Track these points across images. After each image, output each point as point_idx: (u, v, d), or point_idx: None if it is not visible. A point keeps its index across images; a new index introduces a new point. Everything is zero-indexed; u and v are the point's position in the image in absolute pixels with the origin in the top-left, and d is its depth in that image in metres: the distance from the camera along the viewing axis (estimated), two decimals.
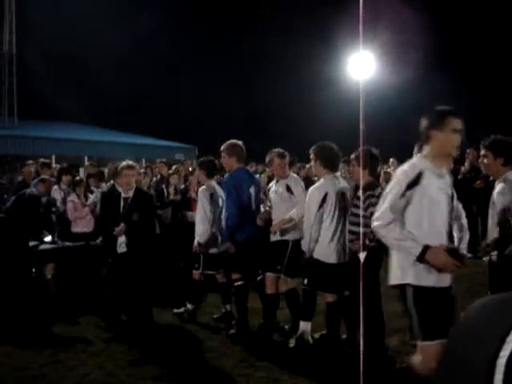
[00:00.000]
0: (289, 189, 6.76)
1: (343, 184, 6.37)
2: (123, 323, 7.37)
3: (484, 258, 11.14)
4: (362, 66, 18.30)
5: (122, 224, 7.19)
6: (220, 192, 7.55)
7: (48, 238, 8.73)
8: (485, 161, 5.64)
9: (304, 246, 6.24)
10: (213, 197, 7.56)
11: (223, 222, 7.17)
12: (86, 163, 16.30)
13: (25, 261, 8.12)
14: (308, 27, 31.77)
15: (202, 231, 7.57)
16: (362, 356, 4.63)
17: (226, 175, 7.31)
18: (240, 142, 7.25)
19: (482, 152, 5.64)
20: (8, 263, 7.85)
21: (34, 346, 6.59)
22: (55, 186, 9.84)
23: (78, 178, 10.25)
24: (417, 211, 3.98)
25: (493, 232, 5.50)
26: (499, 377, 0.50)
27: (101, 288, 8.30)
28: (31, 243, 8.25)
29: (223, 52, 34.38)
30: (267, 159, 7.02)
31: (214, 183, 7.74)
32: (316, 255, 6.11)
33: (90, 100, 30.60)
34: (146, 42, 31.76)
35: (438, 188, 4.04)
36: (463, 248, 4.70)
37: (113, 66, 30.30)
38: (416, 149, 5.75)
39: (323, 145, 6.32)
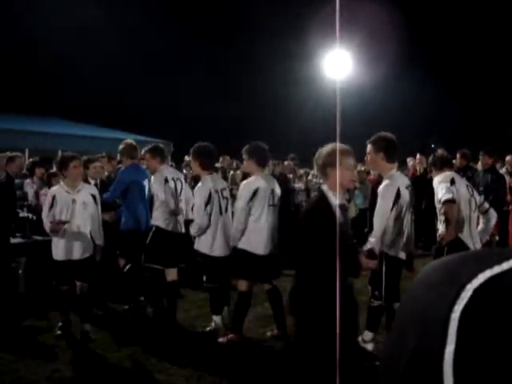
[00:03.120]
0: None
1: (273, 181, 6.83)
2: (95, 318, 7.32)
3: None
4: (338, 64, 18.34)
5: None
6: None
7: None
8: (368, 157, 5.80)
9: (233, 236, 6.56)
10: None
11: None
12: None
13: (5, 255, 8.02)
14: (284, 26, 31.77)
15: None
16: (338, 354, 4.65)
17: (119, 171, 8.22)
18: (132, 141, 8.07)
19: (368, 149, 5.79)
20: None
21: (3, 342, 6.51)
22: (27, 180, 9.70)
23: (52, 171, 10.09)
24: None
25: None
26: (453, 330, 0.53)
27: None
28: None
29: (200, 51, 34.31)
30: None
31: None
32: (243, 246, 6.44)
33: (66, 94, 30.31)
34: (126, 39, 31.55)
35: None
36: None
37: (88, 60, 30.02)
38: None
39: (257, 145, 6.67)
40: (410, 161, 13.25)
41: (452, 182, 5.93)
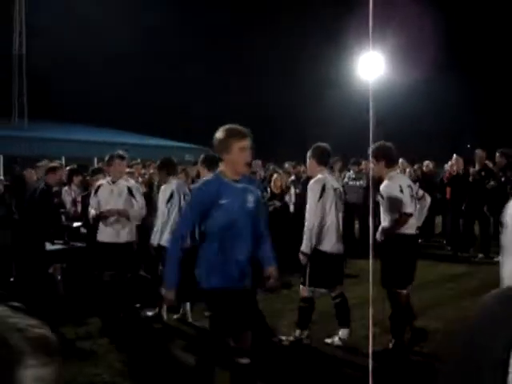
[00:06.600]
0: (130, 192, 7.59)
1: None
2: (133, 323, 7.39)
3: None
4: (371, 66, 18.22)
5: None
6: None
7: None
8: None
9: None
10: None
11: None
12: (96, 164, 16.31)
13: (41, 261, 8.16)
14: (318, 28, 31.70)
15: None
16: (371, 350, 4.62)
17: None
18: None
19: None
20: (25, 264, 7.93)
21: None
22: (65, 188, 9.83)
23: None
24: None
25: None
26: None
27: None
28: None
29: (233, 52, 34.39)
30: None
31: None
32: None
33: (101, 101, 30.67)
34: (158, 42, 31.82)
35: None
36: None
37: (123, 67, 30.36)
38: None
39: (165, 158, 7.85)
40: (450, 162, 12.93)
41: (401, 190, 6.09)
